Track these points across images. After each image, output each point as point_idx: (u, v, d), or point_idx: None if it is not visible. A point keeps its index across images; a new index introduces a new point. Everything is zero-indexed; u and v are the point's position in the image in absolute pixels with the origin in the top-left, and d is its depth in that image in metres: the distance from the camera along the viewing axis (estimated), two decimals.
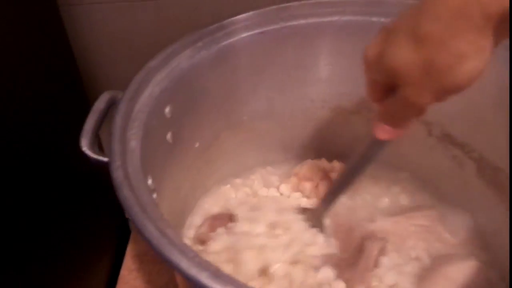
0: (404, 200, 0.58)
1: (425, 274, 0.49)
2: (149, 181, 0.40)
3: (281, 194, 0.59)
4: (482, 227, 0.53)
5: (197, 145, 0.54)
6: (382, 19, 0.48)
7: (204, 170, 0.56)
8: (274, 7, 0.50)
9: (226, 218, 0.53)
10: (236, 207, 0.56)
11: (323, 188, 0.57)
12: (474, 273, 0.47)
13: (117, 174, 0.36)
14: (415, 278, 0.49)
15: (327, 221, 0.52)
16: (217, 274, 0.29)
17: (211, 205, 0.58)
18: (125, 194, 0.34)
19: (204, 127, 0.54)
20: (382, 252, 0.51)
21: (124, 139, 0.40)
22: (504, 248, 0.47)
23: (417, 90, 0.32)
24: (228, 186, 0.60)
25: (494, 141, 0.49)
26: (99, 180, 0.64)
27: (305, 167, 0.59)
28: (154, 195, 0.41)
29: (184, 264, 0.30)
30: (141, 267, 0.62)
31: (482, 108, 0.49)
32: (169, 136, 0.48)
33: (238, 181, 0.61)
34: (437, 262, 0.50)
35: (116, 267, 0.64)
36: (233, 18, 0.50)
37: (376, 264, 0.49)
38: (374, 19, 0.49)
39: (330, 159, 0.60)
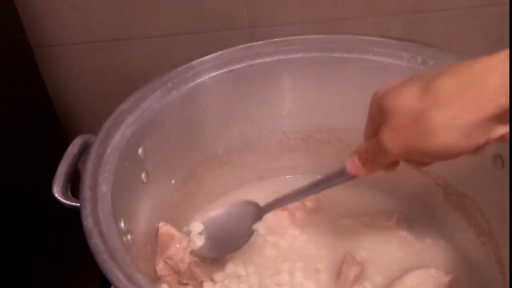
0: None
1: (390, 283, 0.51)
2: (122, 224, 0.41)
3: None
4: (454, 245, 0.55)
5: (173, 181, 0.55)
6: (344, 55, 0.50)
7: (182, 206, 0.57)
8: (240, 46, 0.52)
9: None
10: None
11: (299, 215, 0.59)
12: (426, 279, 0.49)
13: (87, 221, 0.37)
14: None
15: None
16: None
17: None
18: (95, 241, 0.35)
19: (179, 164, 0.55)
20: (358, 277, 0.52)
21: (96, 185, 0.41)
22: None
23: (393, 134, 0.32)
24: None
25: (455, 168, 0.50)
26: (79, 222, 0.64)
27: None
28: (129, 237, 0.42)
29: None
30: None
31: None
32: (143, 175, 0.49)
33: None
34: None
35: None
36: (201, 59, 0.51)
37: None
38: (336, 55, 0.51)
39: None
